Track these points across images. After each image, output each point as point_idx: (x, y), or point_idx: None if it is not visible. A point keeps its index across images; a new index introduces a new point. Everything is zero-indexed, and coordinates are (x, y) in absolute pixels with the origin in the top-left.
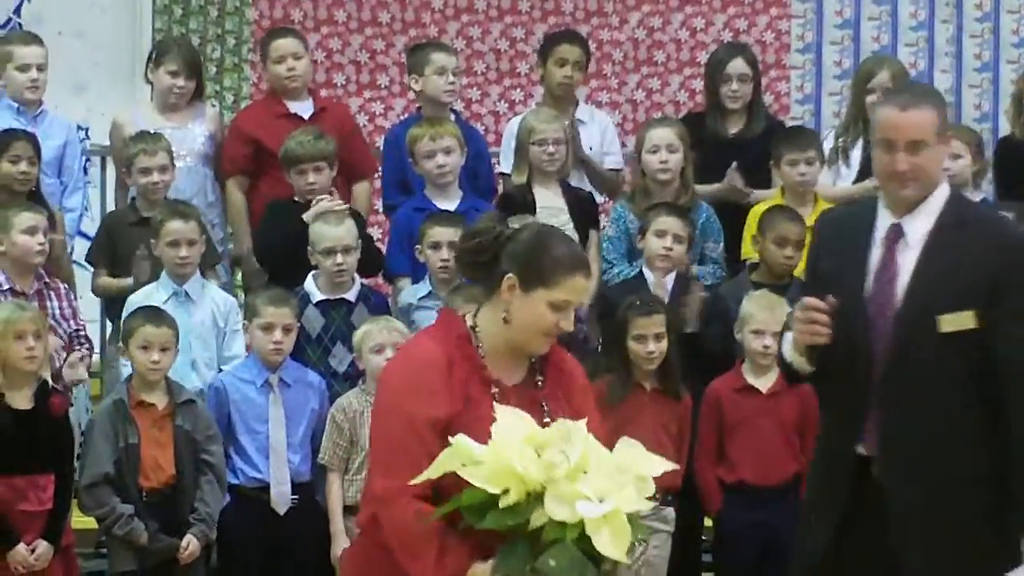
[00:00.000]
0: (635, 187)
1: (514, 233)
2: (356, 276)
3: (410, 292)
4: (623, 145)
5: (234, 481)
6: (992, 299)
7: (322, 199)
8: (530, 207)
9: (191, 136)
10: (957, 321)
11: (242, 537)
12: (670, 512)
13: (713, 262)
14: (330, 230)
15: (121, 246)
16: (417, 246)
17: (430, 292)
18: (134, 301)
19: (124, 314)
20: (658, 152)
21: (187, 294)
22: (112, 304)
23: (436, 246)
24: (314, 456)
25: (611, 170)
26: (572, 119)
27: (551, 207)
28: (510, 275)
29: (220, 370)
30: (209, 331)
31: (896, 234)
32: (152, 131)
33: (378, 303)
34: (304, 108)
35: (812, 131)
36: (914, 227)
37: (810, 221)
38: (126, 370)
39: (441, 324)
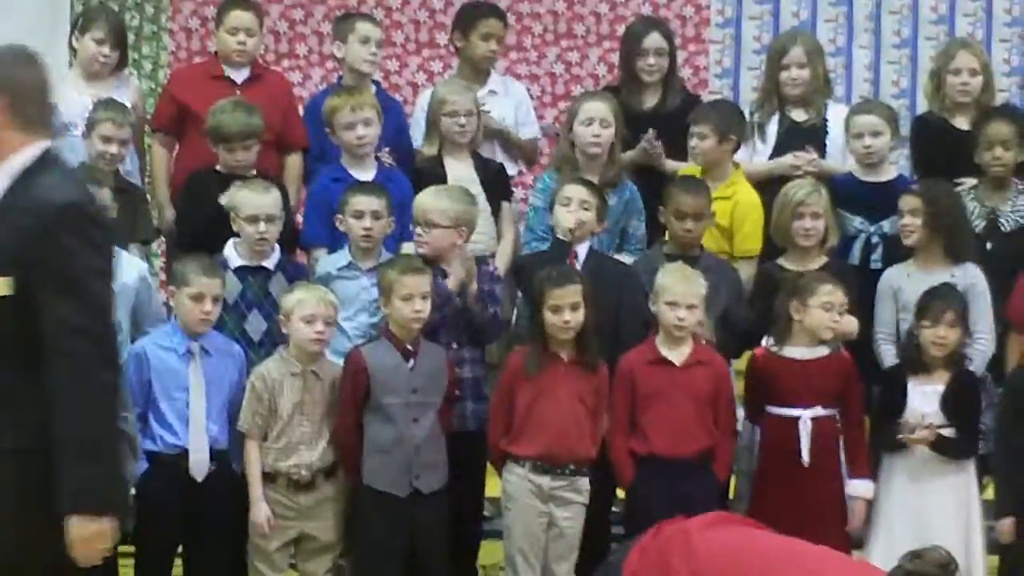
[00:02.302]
0: (563, 159)
1: None
2: (276, 245)
3: (328, 262)
4: (540, 117)
5: (152, 448)
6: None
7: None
8: (441, 179)
9: None
10: None
11: (159, 503)
12: (584, 482)
13: (635, 240)
14: (255, 197)
15: None
16: (338, 215)
17: (350, 263)
18: None
19: None
20: (592, 125)
21: None
22: None
23: (359, 215)
24: (231, 424)
25: (528, 140)
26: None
27: (463, 179)
28: None
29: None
30: (118, 299)
31: None
32: (115, 100)
33: (297, 273)
34: (239, 74)
35: (711, 104)
36: None
37: (727, 192)
38: None
39: None
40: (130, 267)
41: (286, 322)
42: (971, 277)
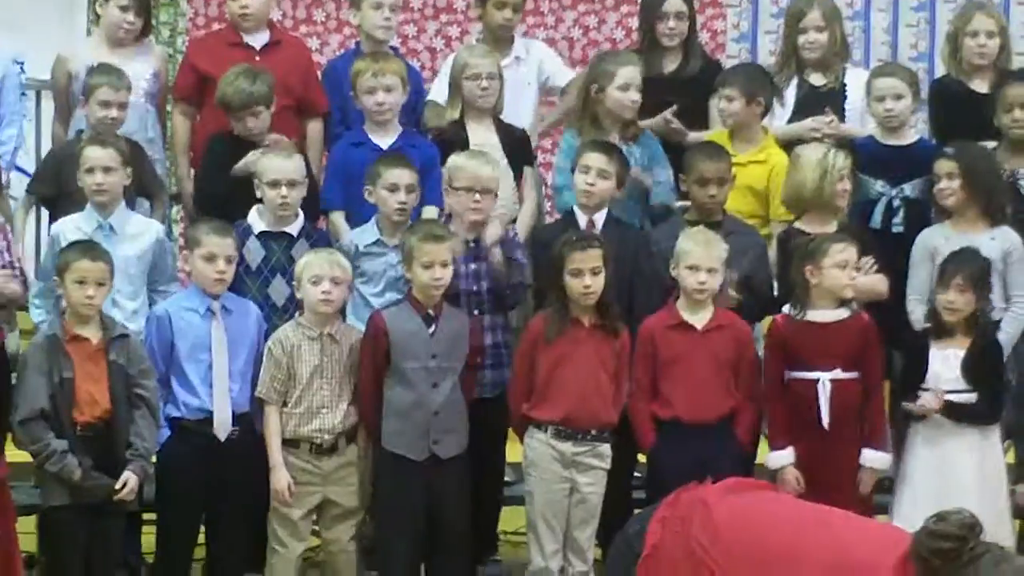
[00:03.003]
0: (582, 117)
1: (983, 554)
2: (300, 211)
3: (355, 235)
4: None
5: (176, 414)
6: None
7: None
8: (465, 143)
9: (136, 73)
10: None
11: (182, 470)
12: (606, 448)
13: (664, 188)
14: (279, 162)
15: (67, 177)
16: (367, 187)
17: (378, 240)
18: (59, 230)
19: (49, 239)
20: (629, 90)
21: (111, 227)
22: None
23: (394, 188)
24: (254, 386)
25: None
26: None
27: (485, 143)
28: None
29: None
30: (133, 264)
31: None
32: (115, 66)
33: (320, 239)
34: (258, 40)
35: (739, 67)
36: None
37: (760, 157)
38: (37, 312)
39: None
40: (148, 229)
41: (298, 287)
42: (1010, 240)
